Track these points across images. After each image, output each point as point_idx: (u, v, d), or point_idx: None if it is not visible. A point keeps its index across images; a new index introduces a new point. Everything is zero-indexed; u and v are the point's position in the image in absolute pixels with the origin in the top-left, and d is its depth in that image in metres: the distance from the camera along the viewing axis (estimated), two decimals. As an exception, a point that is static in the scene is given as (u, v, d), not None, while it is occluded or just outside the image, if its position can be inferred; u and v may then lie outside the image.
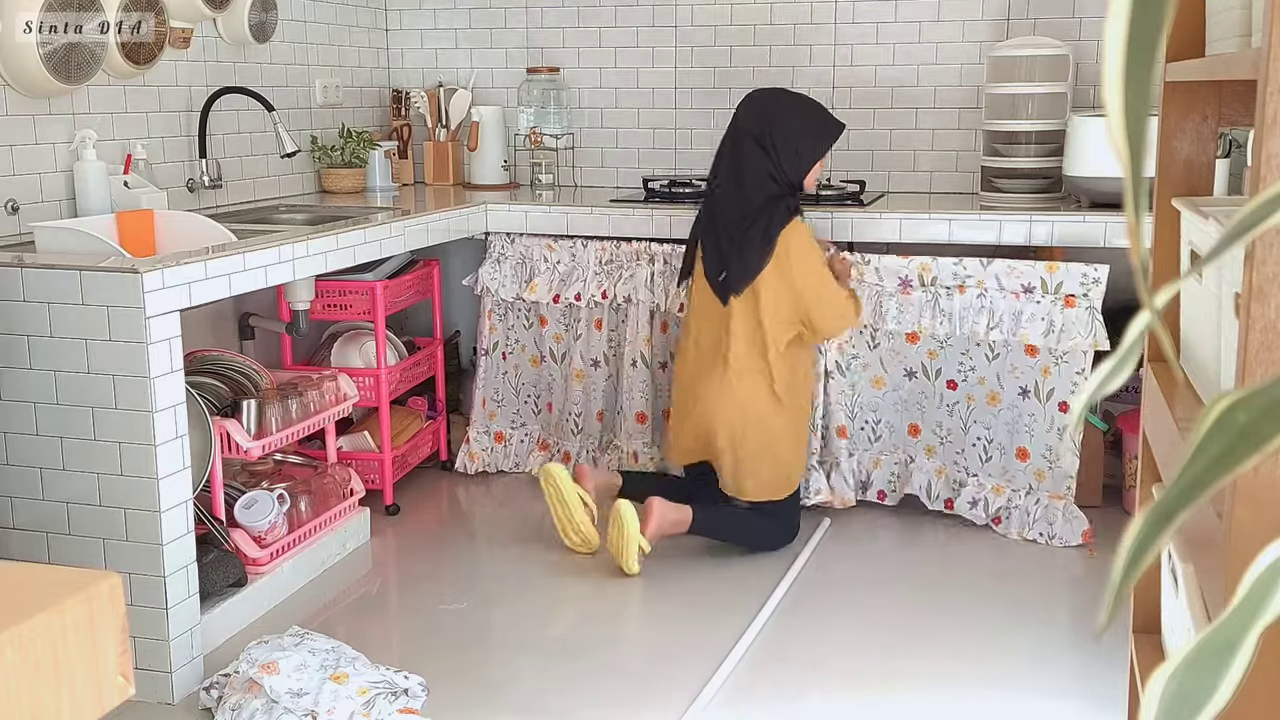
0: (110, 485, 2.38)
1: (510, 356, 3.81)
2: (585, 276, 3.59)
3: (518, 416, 3.86)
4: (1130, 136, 0.50)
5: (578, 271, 3.61)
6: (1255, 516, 0.95)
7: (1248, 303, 0.97)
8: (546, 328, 3.73)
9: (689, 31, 4.07)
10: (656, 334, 3.60)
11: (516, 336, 3.80)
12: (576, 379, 3.68)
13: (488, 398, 3.83)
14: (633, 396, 3.62)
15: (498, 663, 2.64)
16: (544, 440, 3.81)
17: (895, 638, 2.73)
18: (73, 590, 0.60)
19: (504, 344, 3.81)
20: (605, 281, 3.58)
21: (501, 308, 3.78)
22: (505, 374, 3.83)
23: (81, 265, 2.34)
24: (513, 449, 3.85)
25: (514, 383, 3.84)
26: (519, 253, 3.68)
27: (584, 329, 3.65)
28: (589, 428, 3.71)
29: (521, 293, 3.68)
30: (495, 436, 3.85)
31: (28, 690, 0.57)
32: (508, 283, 3.68)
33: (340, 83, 4.13)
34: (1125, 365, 0.55)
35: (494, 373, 3.82)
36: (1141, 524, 0.51)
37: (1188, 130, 1.53)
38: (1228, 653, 0.49)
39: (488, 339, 3.79)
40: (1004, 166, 3.56)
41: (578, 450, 3.72)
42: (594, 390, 3.69)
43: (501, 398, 3.85)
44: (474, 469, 3.82)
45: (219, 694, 2.39)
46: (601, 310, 3.63)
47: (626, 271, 3.55)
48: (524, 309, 3.76)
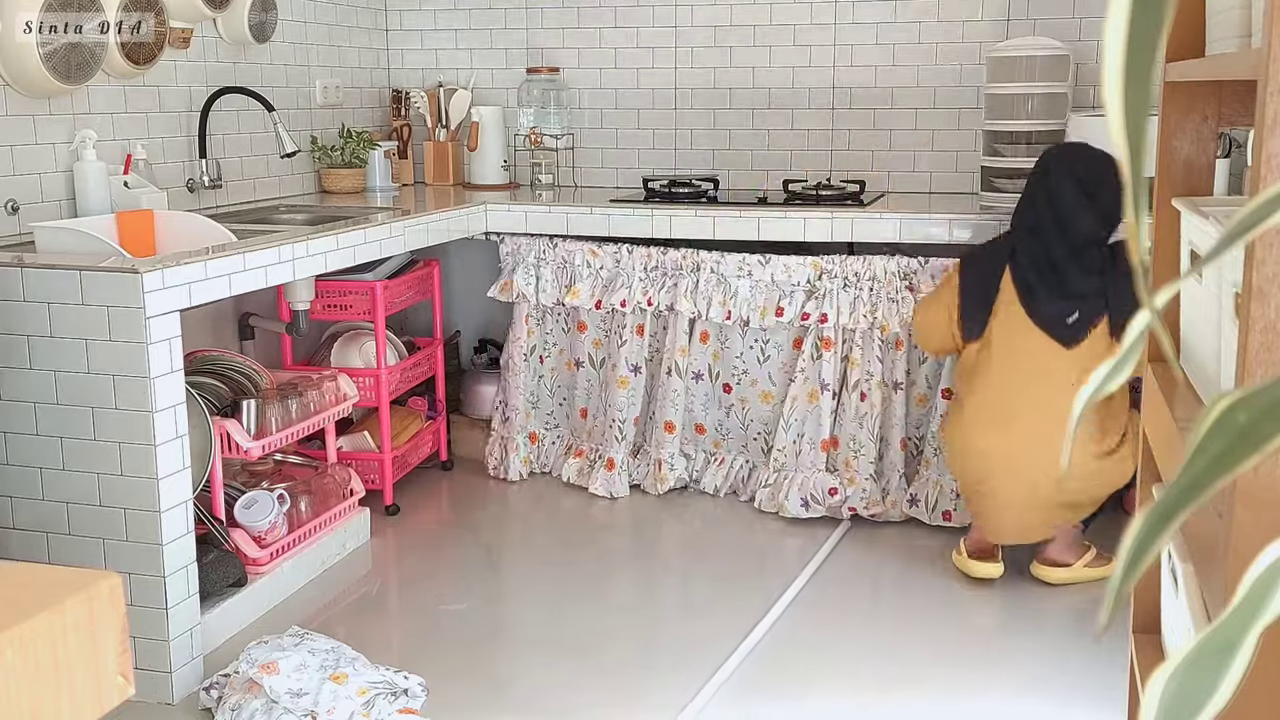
0: (110, 485, 2.38)
1: (546, 360, 3.79)
2: (630, 283, 3.55)
3: (550, 418, 3.85)
4: (1130, 136, 0.50)
5: (622, 277, 3.57)
6: (1255, 516, 0.95)
7: (1248, 303, 0.97)
8: (586, 333, 3.68)
9: (689, 31, 4.07)
10: (696, 343, 3.55)
11: (554, 340, 3.78)
12: (620, 385, 3.62)
13: (525, 401, 3.82)
14: (664, 405, 3.58)
15: (498, 663, 2.64)
16: (578, 447, 3.76)
17: (896, 638, 2.73)
18: (73, 590, 0.60)
19: (541, 348, 3.79)
20: (650, 288, 3.53)
21: (539, 312, 3.76)
22: (541, 378, 3.81)
23: (81, 265, 2.34)
24: (544, 450, 3.84)
25: (549, 385, 3.81)
26: (560, 257, 3.64)
27: (628, 335, 3.59)
28: (630, 434, 3.66)
29: (562, 298, 3.63)
30: (530, 437, 3.84)
31: (28, 690, 0.57)
32: (548, 288, 3.64)
33: (340, 83, 4.13)
34: (1125, 365, 0.55)
35: (530, 376, 3.81)
36: (1141, 524, 0.51)
37: (1188, 130, 1.53)
38: (1228, 653, 0.49)
39: (525, 343, 3.77)
40: (1004, 166, 3.56)
41: (621, 458, 3.65)
42: (635, 397, 3.63)
43: (537, 399, 3.83)
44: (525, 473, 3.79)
45: (219, 694, 2.39)
46: (644, 317, 3.59)
47: (670, 279, 3.52)
48: (563, 314, 3.73)
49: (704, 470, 3.64)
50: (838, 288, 3.34)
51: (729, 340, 3.54)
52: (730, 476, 3.61)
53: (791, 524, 3.41)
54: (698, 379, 3.58)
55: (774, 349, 3.50)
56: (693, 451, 3.66)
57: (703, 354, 3.57)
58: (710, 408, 3.61)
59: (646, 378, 3.64)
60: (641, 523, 3.47)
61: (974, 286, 3.04)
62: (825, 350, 3.38)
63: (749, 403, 3.56)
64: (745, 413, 3.57)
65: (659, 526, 3.45)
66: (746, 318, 3.44)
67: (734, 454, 3.63)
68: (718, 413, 3.61)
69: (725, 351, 3.55)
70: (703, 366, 3.58)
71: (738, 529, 3.40)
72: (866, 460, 3.39)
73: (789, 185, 3.64)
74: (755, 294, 3.43)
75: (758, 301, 3.42)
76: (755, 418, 3.56)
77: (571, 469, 3.72)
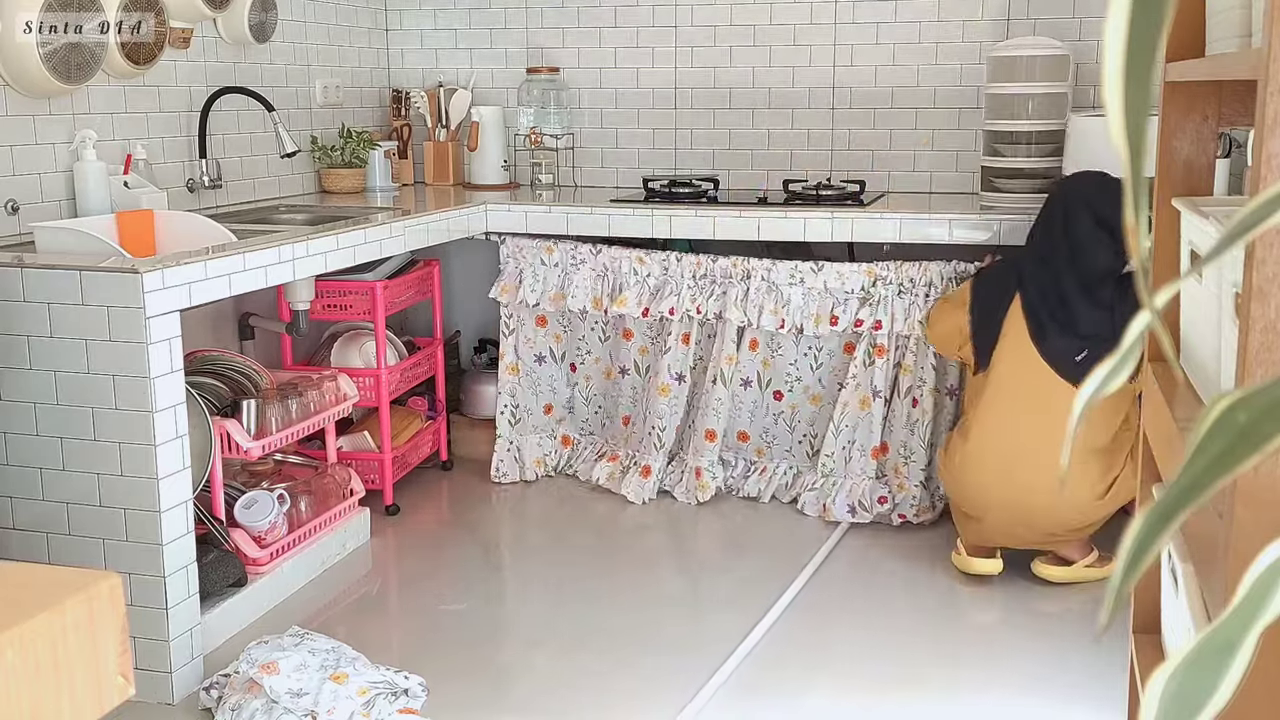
0: (110, 485, 2.38)
1: (580, 367, 3.77)
2: (679, 290, 3.52)
3: (586, 425, 3.83)
4: (1130, 136, 0.50)
5: (670, 285, 3.55)
6: (1255, 516, 0.95)
7: (1248, 303, 0.97)
8: (632, 340, 3.66)
9: (689, 31, 4.07)
10: (744, 351, 3.53)
11: (589, 348, 3.76)
12: (661, 393, 3.59)
13: (554, 405, 3.81)
14: (707, 414, 3.55)
15: (498, 663, 2.64)
16: (612, 452, 3.74)
17: (896, 638, 2.73)
18: (73, 590, 0.60)
19: (571, 354, 3.78)
20: (699, 296, 3.50)
21: (567, 318, 3.74)
22: (576, 385, 3.80)
23: (81, 265, 2.34)
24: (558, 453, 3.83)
25: (584, 392, 3.80)
26: (603, 264, 3.61)
27: (673, 342, 3.56)
28: (669, 441, 3.63)
29: (609, 305, 3.59)
30: (563, 440, 3.83)
31: (28, 690, 0.57)
32: (580, 294, 3.60)
33: (340, 83, 4.13)
34: (1125, 365, 0.55)
35: (562, 382, 3.80)
36: (1141, 524, 0.51)
37: (1188, 130, 1.53)
38: (1228, 653, 0.49)
39: (555, 347, 3.76)
40: (1004, 166, 3.56)
41: (659, 467, 3.63)
42: (677, 405, 3.60)
43: (572, 405, 3.82)
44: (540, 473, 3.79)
45: (219, 694, 2.39)
46: (690, 325, 3.55)
47: (719, 287, 3.49)
48: (600, 320, 3.70)
49: (744, 478, 3.62)
50: (892, 294, 3.32)
51: (781, 347, 3.51)
52: (773, 483, 3.59)
53: (792, 524, 3.41)
54: (746, 385, 3.56)
55: (826, 355, 3.48)
56: (732, 459, 3.64)
57: (752, 361, 3.54)
58: (757, 415, 3.58)
59: (690, 386, 3.61)
60: (647, 527, 3.47)
61: (983, 316, 3.02)
62: (878, 357, 3.36)
63: (798, 408, 3.54)
64: (793, 417, 3.56)
65: (662, 529, 3.45)
66: (800, 325, 3.41)
67: (777, 460, 3.61)
68: (765, 419, 3.58)
69: (777, 359, 3.52)
70: (751, 374, 3.55)
71: (739, 530, 3.40)
72: (917, 467, 3.38)
73: (789, 185, 3.63)
74: (808, 301, 3.40)
75: (810, 309, 3.39)
76: (803, 420, 3.55)
77: (602, 472, 3.70)
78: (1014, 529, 2.92)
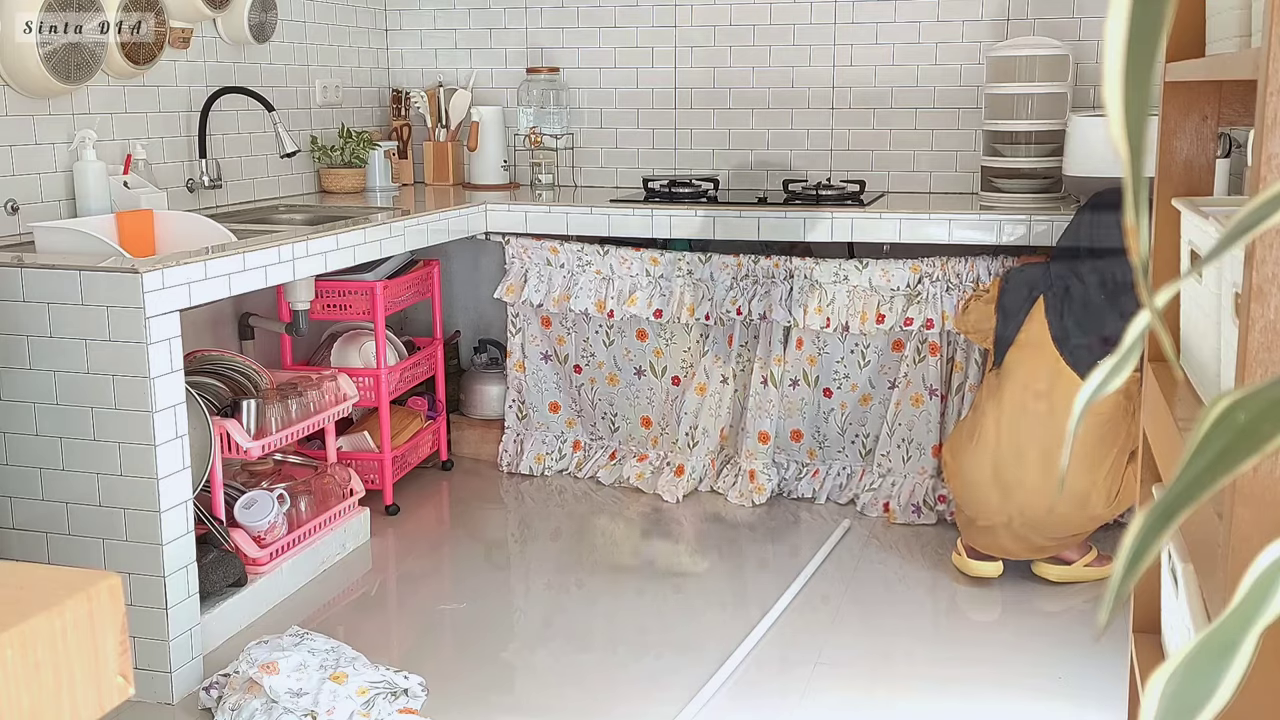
0: (110, 485, 2.38)
1: (585, 369, 3.77)
2: (714, 292, 3.51)
3: (595, 430, 3.83)
4: (1130, 136, 0.50)
5: (673, 285, 3.54)
6: (1255, 516, 0.95)
7: (1248, 303, 0.97)
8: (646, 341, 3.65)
9: (689, 31, 4.07)
10: (792, 350, 3.52)
11: (593, 350, 3.75)
12: (698, 392, 3.59)
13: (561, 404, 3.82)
14: (759, 416, 3.54)
15: (498, 662, 2.64)
16: (641, 452, 3.73)
17: (896, 638, 2.73)
18: (73, 590, 0.60)
19: (575, 356, 3.77)
20: (740, 297, 3.49)
21: (571, 319, 3.74)
22: (581, 387, 3.79)
23: (81, 265, 2.34)
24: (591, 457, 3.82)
25: (600, 394, 3.79)
26: (610, 265, 3.60)
27: (712, 344, 3.57)
28: (707, 443, 3.62)
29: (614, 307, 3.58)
30: (574, 445, 3.84)
31: (28, 690, 0.57)
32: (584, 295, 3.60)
33: (340, 83, 4.13)
34: (1125, 365, 0.55)
35: (567, 382, 3.80)
36: (1141, 524, 0.51)
37: (1188, 130, 1.53)
38: (1228, 653, 0.49)
39: (559, 349, 3.77)
40: (1004, 166, 3.56)
41: (693, 466, 3.62)
42: (719, 407, 3.59)
43: (580, 408, 3.82)
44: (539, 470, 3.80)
45: (219, 694, 2.39)
46: (733, 326, 3.55)
47: (761, 287, 3.48)
48: (603, 323, 3.70)
49: (797, 479, 3.61)
50: (940, 291, 3.31)
51: (827, 345, 3.50)
52: (827, 483, 3.58)
53: (792, 524, 3.41)
54: (794, 385, 3.55)
55: (874, 354, 3.47)
56: (784, 460, 3.63)
57: (798, 361, 3.53)
58: (807, 414, 3.58)
59: (737, 388, 3.60)
60: (648, 527, 3.47)
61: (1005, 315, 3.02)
62: (931, 355, 3.36)
63: (849, 407, 3.54)
64: (844, 416, 3.55)
65: (662, 529, 3.45)
66: (845, 323, 3.40)
67: (830, 460, 3.60)
68: (815, 418, 3.58)
69: (823, 357, 3.51)
70: (798, 373, 3.54)
71: (740, 531, 3.40)
72: None
73: (789, 185, 3.63)
74: (853, 300, 3.39)
75: (856, 307, 3.39)
76: (854, 420, 3.55)
77: (631, 472, 3.69)
78: (1024, 534, 2.91)
